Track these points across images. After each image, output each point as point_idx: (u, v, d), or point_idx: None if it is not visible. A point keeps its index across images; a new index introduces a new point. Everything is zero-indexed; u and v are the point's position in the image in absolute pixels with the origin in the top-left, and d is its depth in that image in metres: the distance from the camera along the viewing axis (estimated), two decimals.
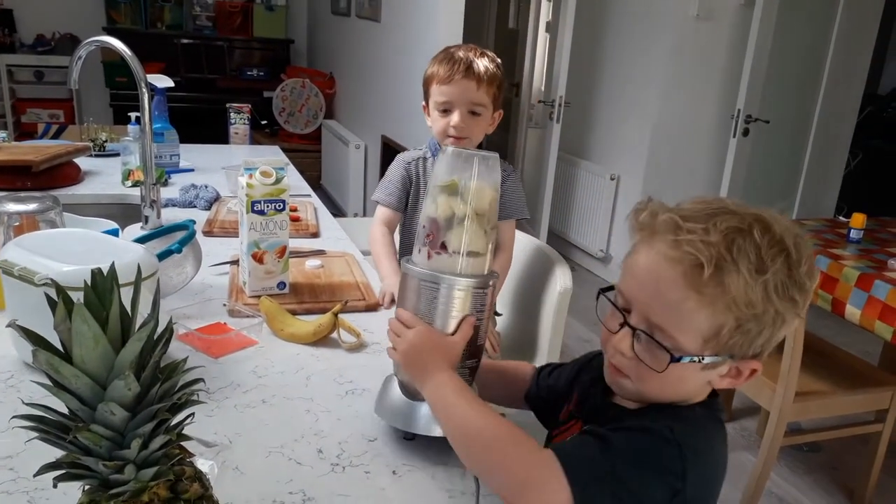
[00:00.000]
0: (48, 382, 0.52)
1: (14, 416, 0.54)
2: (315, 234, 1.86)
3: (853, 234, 2.48)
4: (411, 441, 0.95)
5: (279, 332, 1.25)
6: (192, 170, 2.49)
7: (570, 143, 4.38)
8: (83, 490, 0.58)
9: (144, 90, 1.67)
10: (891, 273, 2.14)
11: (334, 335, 1.24)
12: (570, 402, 0.95)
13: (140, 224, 1.76)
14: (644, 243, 0.78)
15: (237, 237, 1.63)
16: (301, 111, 5.81)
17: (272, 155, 2.92)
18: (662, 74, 3.90)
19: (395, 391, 0.95)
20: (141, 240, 1.35)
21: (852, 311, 2.16)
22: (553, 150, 4.11)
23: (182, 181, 2.24)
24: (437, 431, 0.89)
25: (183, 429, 0.58)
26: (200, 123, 4.39)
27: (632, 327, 0.77)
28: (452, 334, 0.88)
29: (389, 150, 4.37)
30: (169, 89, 2.41)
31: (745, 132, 3.80)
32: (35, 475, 0.54)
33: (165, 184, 2.23)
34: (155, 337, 0.55)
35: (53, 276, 0.89)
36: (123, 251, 1.05)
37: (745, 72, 3.70)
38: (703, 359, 0.75)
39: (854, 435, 2.23)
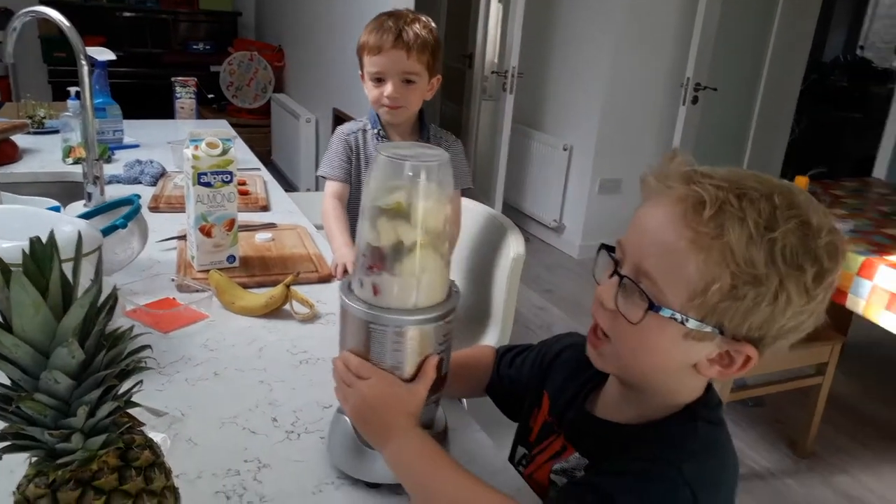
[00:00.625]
0: None
1: None
2: (265, 208, 1.84)
3: None
4: (376, 489, 0.82)
5: (230, 305, 1.24)
6: (137, 146, 2.43)
7: (523, 114, 4.40)
8: (30, 463, 0.58)
9: (84, 63, 1.62)
10: None
11: (287, 307, 1.24)
12: (539, 406, 0.90)
13: (83, 201, 1.72)
14: (655, 192, 0.71)
15: (185, 212, 1.61)
16: (250, 85, 5.70)
17: (216, 127, 2.86)
18: (613, 44, 3.93)
19: (347, 432, 0.82)
20: (84, 216, 1.32)
21: None
22: (507, 122, 4.12)
23: (127, 157, 2.18)
24: None
25: (131, 396, 0.57)
26: (145, 99, 4.28)
27: (620, 275, 0.72)
28: (411, 379, 0.78)
29: (341, 123, 4.32)
30: (111, 63, 2.34)
31: (695, 100, 3.86)
32: None
33: (109, 160, 2.18)
34: (98, 304, 0.54)
35: None
36: (64, 225, 1.03)
37: (694, 40, 3.75)
38: (686, 320, 0.67)
39: (796, 388, 2.32)
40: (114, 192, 1.83)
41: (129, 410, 0.59)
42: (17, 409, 0.52)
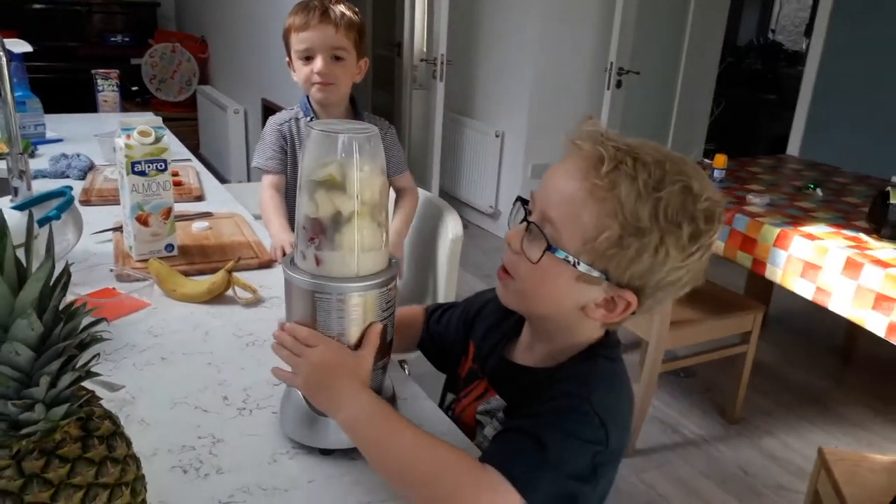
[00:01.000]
0: None
1: None
2: (199, 198, 1.83)
3: (716, 174, 2.68)
4: (329, 456, 0.85)
5: (171, 292, 1.24)
6: (60, 140, 2.36)
7: (454, 102, 4.44)
8: None
9: (1, 54, 1.57)
10: (750, 207, 2.34)
11: (229, 292, 1.24)
12: (466, 355, 0.98)
13: (9, 197, 1.67)
14: (568, 151, 0.80)
15: (118, 205, 1.58)
16: (173, 77, 5.56)
17: (142, 120, 2.80)
18: (538, 30, 4.01)
19: (299, 403, 0.84)
20: (16, 209, 1.29)
21: (717, 244, 2.34)
22: (439, 110, 4.15)
23: (50, 152, 2.12)
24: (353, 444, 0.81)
25: (90, 367, 0.59)
26: (64, 94, 4.11)
27: (528, 221, 0.80)
28: (357, 346, 0.81)
29: (271, 114, 4.26)
30: (26, 57, 2.27)
31: (619, 84, 3.98)
32: None
33: (32, 155, 2.12)
34: (53, 279, 0.55)
35: None
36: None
37: (616, 25, 3.86)
38: (578, 263, 0.76)
39: (723, 357, 2.43)
40: (40, 186, 1.77)
41: (87, 384, 0.60)
42: None
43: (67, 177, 1.91)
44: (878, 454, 1.65)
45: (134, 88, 5.32)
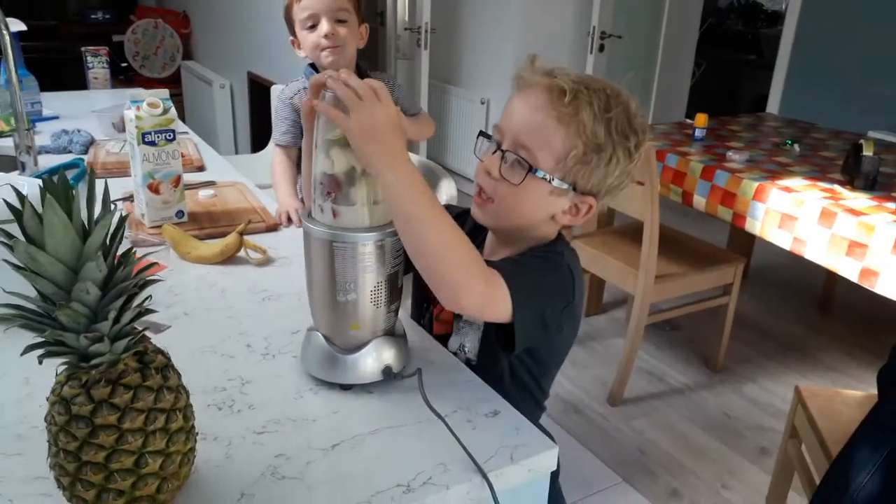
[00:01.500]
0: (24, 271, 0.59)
1: (1, 305, 0.61)
2: (201, 168, 1.89)
3: (697, 133, 2.77)
4: (349, 390, 0.92)
5: (186, 255, 1.31)
6: (56, 117, 2.40)
7: (439, 71, 4.48)
8: (60, 373, 0.66)
9: (3, 31, 1.62)
10: (729, 164, 2.43)
11: (241, 254, 1.32)
12: None
13: (16, 172, 1.73)
14: (522, 88, 0.95)
15: (122, 177, 1.66)
16: (156, 54, 5.56)
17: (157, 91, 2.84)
18: None
19: (320, 344, 0.92)
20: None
21: (699, 200, 2.44)
22: (424, 79, 4.19)
23: (47, 129, 2.17)
24: (375, 377, 0.90)
25: (147, 305, 0.66)
26: (48, 72, 4.12)
27: (502, 151, 0.94)
28: (372, 293, 0.89)
29: (257, 87, 4.31)
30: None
31: (601, 48, 4.05)
32: (22, 354, 0.62)
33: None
34: (113, 227, 0.63)
35: None
36: (29, 185, 1.08)
37: None
38: (552, 179, 0.92)
39: (706, 309, 2.54)
40: (45, 162, 1.83)
41: (136, 325, 0.68)
42: (54, 318, 0.61)
43: (70, 152, 1.97)
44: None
45: (124, 65, 5.31)
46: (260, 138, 4.36)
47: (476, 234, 1.05)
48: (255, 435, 0.83)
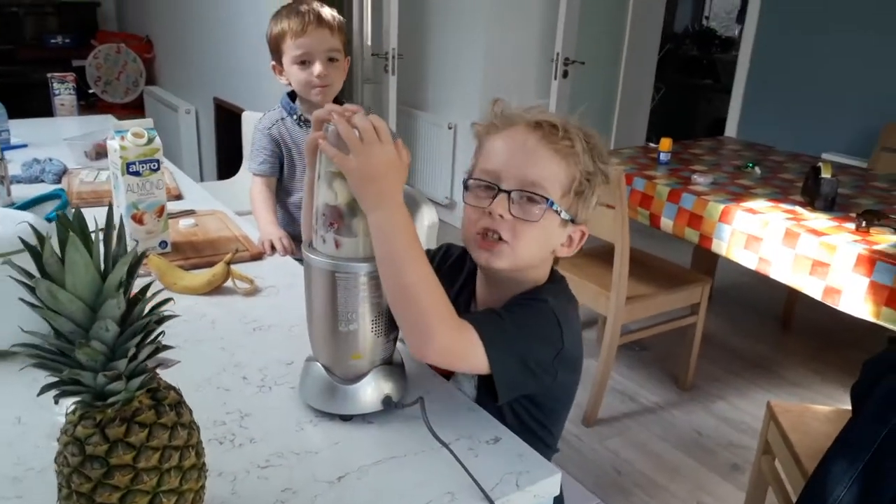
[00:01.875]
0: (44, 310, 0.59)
1: (14, 346, 0.61)
2: (178, 196, 1.88)
3: (662, 157, 2.84)
4: (349, 421, 0.93)
5: (173, 286, 1.31)
6: (25, 145, 2.37)
7: (406, 96, 4.52)
8: (71, 412, 0.66)
9: None
10: (695, 187, 2.50)
11: (228, 284, 1.32)
12: None
13: None
14: (500, 130, 0.98)
15: (98, 207, 1.64)
16: (119, 79, 5.50)
17: (103, 124, 2.82)
18: (485, 22, 4.12)
19: (320, 375, 0.93)
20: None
21: (666, 223, 2.51)
22: (392, 104, 4.23)
23: (18, 158, 2.14)
24: (375, 407, 0.91)
25: (162, 341, 0.67)
26: (7, 98, 4.05)
27: (507, 192, 0.94)
28: (373, 323, 0.90)
29: (224, 113, 4.29)
30: None
31: (565, 74, 4.13)
32: (38, 395, 0.62)
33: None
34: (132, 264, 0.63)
35: None
36: (11, 219, 1.07)
37: (560, 16, 4.00)
38: (562, 212, 0.95)
39: (674, 329, 2.60)
40: (17, 192, 1.81)
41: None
42: (70, 357, 0.61)
43: (42, 181, 1.94)
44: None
45: (91, 91, 5.24)
46: (228, 165, 4.33)
47: (456, 271, 1.08)
48: (259, 469, 0.83)
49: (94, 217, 0.68)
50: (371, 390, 0.93)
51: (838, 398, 2.65)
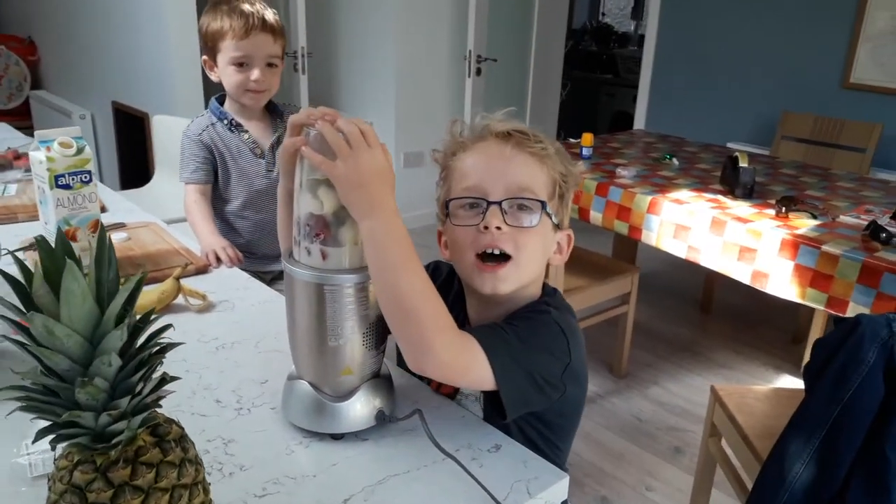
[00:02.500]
0: (34, 348, 0.52)
1: (2, 389, 0.53)
2: (102, 209, 1.75)
3: (585, 152, 2.89)
4: (340, 440, 0.88)
5: None
6: None
7: (317, 95, 4.42)
8: (63, 456, 0.58)
9: None
10: (620, 179, 2.56)
11: (179, 300, 1.23)
12: None
13: None
14: (468, 147, 0.95)
15: (10, 223, 1.52)
16: (0, 83, 5.10)
17: (67, 128, 2.60)
18: (395, 21, 4.08)
19: (306, 393, 0.87)
20: None
21: (595, 216, 2.55)
22: (304, 103, 4.12)
23: None
24: (368, 423, 0.87)
25: (165, 374, 0.60)
26: None
27: (498, 202, 0.90)
28: (365, 335, 0.86)
29: (125, 117, 4.06)
30: None
31: (478, 71, 4.14)
32: (33, 442, 0.54)
33: None
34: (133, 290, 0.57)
35: None
36: None
37: (471, 14, 4.01)
38: (553, 215, 0.93)
39: (605, 320, 2.65)
40: None
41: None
42: (64, 397, 0.54)
43: None
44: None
45: None
46: (133, 172, 4.10)
47: (445, 292, 1.01)
48: (256, 499, 0.77)
49: (14, 236, 0.61)
50: (362, 406, 0.88)
51: (760, 376, 2.78)
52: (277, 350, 1.10)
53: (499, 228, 0.89)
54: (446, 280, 1.05)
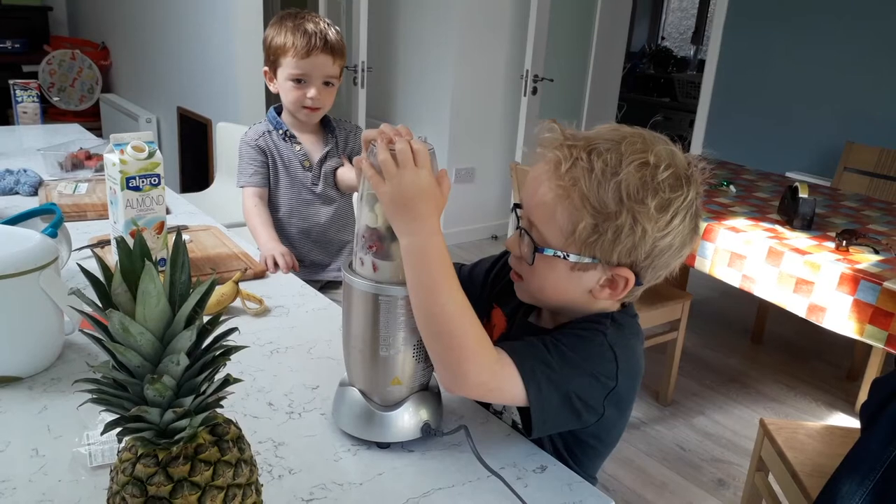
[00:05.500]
0: (109, 344, 0.54)
1: (77, 381, 0.56)
2: (166, 211, 1.81)
3: None
4: (386, 449, 0.89)
5: None
6: None
7: (374, 109, 4.49)
8: (126, 449, 0.61)
9: None
10: None
11: (236, 304, 1.26)
12: (488, 319, 1.04)
13: None
14: (537, 158, 0.89)
15: (79, 221, 1.58)
16: (73, 85, 5.32)
17: (72, 133, 2.71)
18: (455, 38, 4.12)
19: (356, 400, 0.89)
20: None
21: None
22: (361, 117, 4.19)
23: None
24: (414, 434, 0.88)
25: (229, 375, 0.63)
26: None
27: (519, 228, 0.90)
28: (415, 348, 0.87)
29: (189, 122, 4.18)
30: None
31: (534, 91, 4.16)
32: (102, 433, 0.57)
33: None
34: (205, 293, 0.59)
35: None
36: (23, 238, 1.01)
37: (530, 35, 4.04)
38: (567, 256, 0.84)
39: (653, 346, 2.61)
40: None
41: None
42: (132, 392, 0.56)
43: (16, 193, 1.84)
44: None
45: (56, 99, 5.06)
46: (193, 176, 4.23)
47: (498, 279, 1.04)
48: (304, 503, 0.79)
49: (83, 233, 0.64)
50: (409, 417, 0.89)
51: (811, 412, 2.70)
52: (330, 357, 1.12)
53: (513, 252, 0.92)
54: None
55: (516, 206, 0.93)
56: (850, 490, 1.29)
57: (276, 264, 1.46)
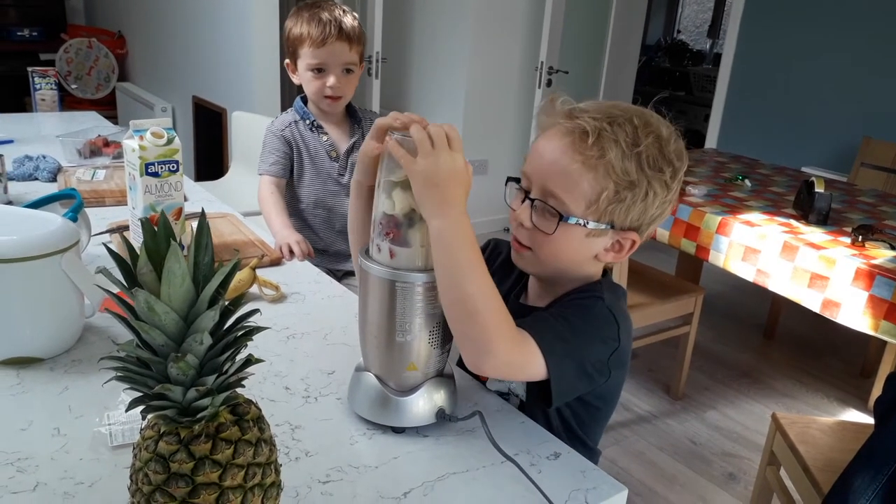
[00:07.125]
0: (134, 323, 0.56)
1: (102, 358, 0.57)
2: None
3: None
4: (401, 433, 0.90)
5: None
6: (10, 141, 2.28)
7: (388, 100, 4.49)
8: (149, 427, 0.62)
9: None
10: (690, 198, 2.52)
11: (253, 290, 1.28)
12: None
13: None
14: (545, 128, 0.93)
15: (97, 207, 1.59)
16: (90, 74, 5.35)
17: (90, 120, 2.74)
18: (470, 30, 4.12)
19: (372, 385, 0.90)
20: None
21: (662, 233, 2.52)
22: (375, 107, 4.19)
23: (7, 154, 2.05)
24: (429, 420, 0.89)
25: (251, 355, 0.64)
26: None
27: (531, 199, 0.92)
28: (431, 333, 0.88)
29: (204, 112, 4.20)
30: None
31: (549, 83, 4.14)
32: (127, 410, 0.58)
33: None
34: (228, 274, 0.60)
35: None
36: (45, 221, 1.02)
37: (545, 27, 4.02)
38: (587, 223, 0.89)
39: (664, 340, 2.61)
40: (12, 190, 1.73)
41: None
42: (156, 371, 0.57)
43: (36, 179, 1.86)
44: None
45: (74, 87, 5.10)
46: (207, 164, 4.25)
47: (508, 268, 1.05)
48: (321, 485, 0.80)
49: (101, 219, 0.65)
50: (424, 402, 0.90)
51: (824, 408, 2.70)
52: (345, 343, 1.13)
53: (522, 224, 0.94)
54: (508, 256, 1.05)
55: (511, 178, 0.99)
56: (862, 484, 1.29)
57: (291, 252, 1.47)
